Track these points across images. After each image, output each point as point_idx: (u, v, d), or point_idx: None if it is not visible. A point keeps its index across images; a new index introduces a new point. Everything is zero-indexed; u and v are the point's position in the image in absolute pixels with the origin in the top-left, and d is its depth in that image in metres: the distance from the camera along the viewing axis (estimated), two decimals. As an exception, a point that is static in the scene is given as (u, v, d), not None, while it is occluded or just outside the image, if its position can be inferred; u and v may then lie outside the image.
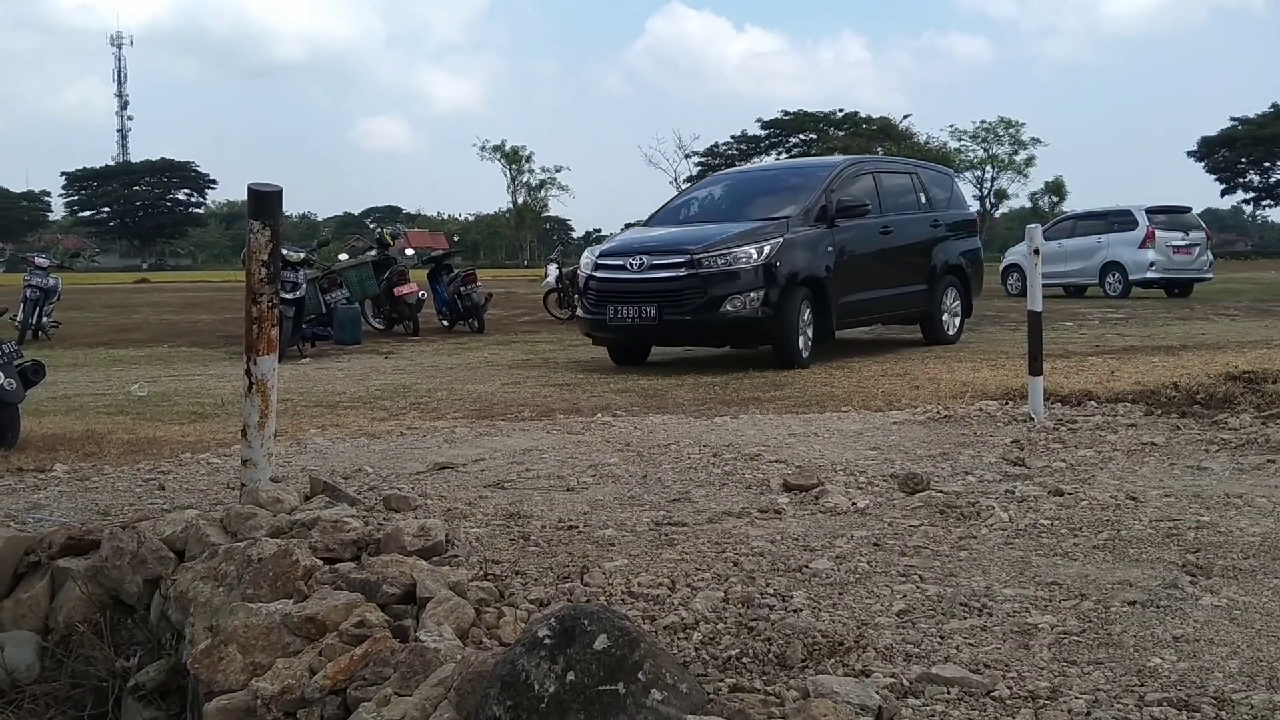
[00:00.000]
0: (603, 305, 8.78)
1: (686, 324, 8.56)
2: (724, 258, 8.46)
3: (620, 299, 8.66)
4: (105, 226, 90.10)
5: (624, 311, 8.62)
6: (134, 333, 15.31)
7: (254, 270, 3.41)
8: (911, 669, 1.89)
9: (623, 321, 8.67)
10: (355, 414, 6.42)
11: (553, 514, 3.23)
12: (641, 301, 8.55)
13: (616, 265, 8.85)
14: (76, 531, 3.18)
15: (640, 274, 8.64)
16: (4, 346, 5.43)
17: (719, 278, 8.41)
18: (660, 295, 8.49)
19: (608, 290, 8.77)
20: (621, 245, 9.36)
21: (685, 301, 8.44)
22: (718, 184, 11.16)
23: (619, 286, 8.72)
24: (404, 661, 2.00)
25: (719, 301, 8.37)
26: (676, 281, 8.48)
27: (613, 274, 8.83)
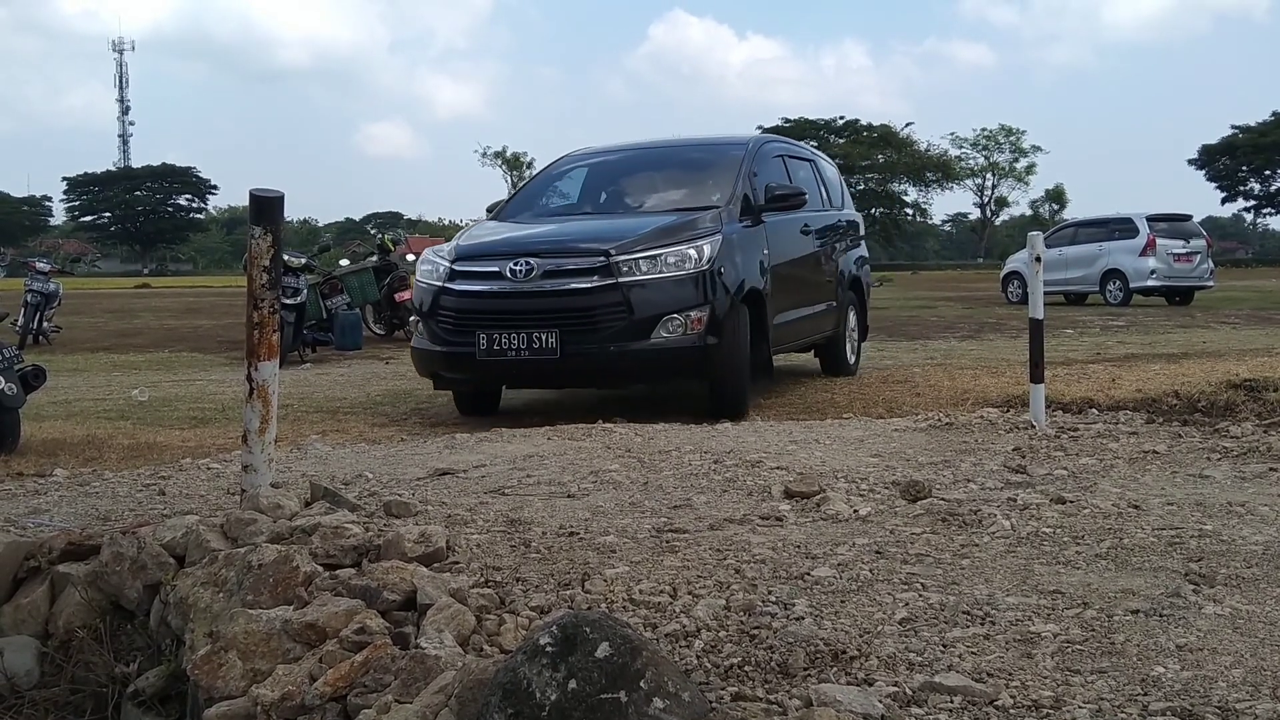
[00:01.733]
0: (464, 332, 6.12)
1: (603, 358, 5.99)
2: (653, 261, 6.01)
3: (497, 323, 6.02)
4: (106, 231, 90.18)
5: (504, 341, 5.95)
6: (135, 338, 15.32)
7: (255, 276, 3.41)
8: (914, 678, 1.88)
9: (501, 356, 5.96)
10: (356, 419, 6.42)
11: (554, 520, 3.22)
12: (534, 326, 5.93)
13: (487, 274, 6.21)
14: (77, 537, 3.18)
15: (530, 285, 6.01)
16: (4, 351, 5.43)
17: (649, 290, 5.97)
18: (564, 317, 5.95)
19: (475, 311, 6.15)
20: (489, 245, 6.65)
21: (602, 325, 5.94)
22: (589, 162, 8.17)
23: (495, 305, 6.10)
24: (404, 669, 2.00)
25: (650, 325, 5.93)
26: (588, 296, 5.97)
27: (482, 285, 6.23)
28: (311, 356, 12.08)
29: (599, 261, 6.01)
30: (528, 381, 6.73)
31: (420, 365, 6.61)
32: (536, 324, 5.96)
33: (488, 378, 6.51)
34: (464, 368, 6.29)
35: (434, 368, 6.49)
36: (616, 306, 5.95)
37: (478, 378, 6.50)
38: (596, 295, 5.98)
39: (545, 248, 6.27)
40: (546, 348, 5.94)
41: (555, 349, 5.92)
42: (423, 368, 6.61)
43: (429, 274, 6.47)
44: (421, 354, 6.54)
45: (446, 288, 6.29)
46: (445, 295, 6.29)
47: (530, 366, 6.05)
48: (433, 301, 6.36)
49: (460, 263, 6.37)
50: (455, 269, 6.32)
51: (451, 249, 6.63)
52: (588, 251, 6.14)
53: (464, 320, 6.19)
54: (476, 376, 6.47)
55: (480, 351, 6.04)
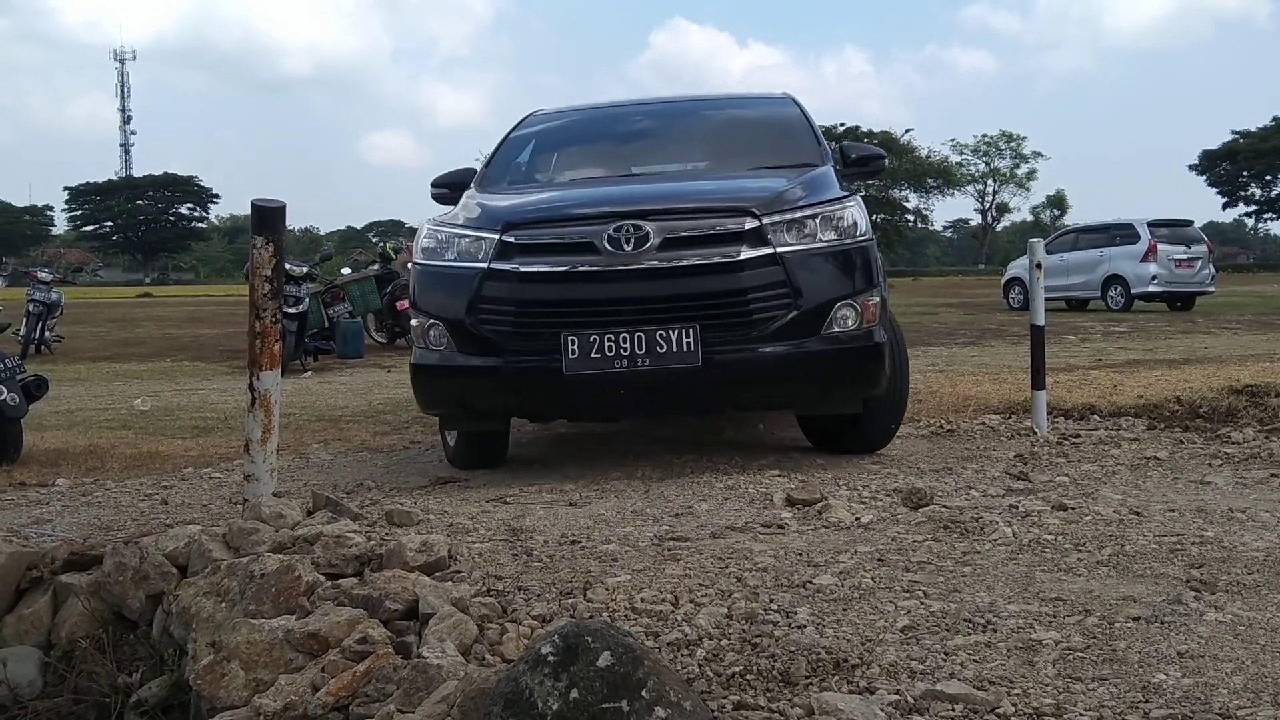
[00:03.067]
0: (535, 335, 4.16)
1: (762, 365, 4.13)
2: (812, 226, 4.26)
3: (595, 319, 4.09)
4: (108, 241, 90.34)
5: (610, 346, 4.04)
6: (137, 347, 15.34)
7: (257, 285, 3.42)
8: (916, 686, 1.88)
9: (607, 369, 4.04)
10: (358, 428, 6.42)
11: (555, 529, 3.22)
12: (658, 321, 4.05)
13: (568, 245, 4.23)
14: (79, 547, 3.18)
15: (645, 261, 4.11)
16: (6, 361, 5.43)
17: (815, 266, 4.21)
18: (705, 306, 4.09)
19: (557, 302, 4.19)
20: (561, 204, 4.69)
21: (759, 316, 4.10)
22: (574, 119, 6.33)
23: (592, 292, 4.15)
24: (406, 678, 2.00)
25: (821, 314, 4.17)
26: (737, 275, 4.13)
27: (563, 262, 4.20)
28: (313, 365, 12.09)
29: (745, 224, 4.15)
30: (651, 406, 4.43)
31: (434, 391, 4.47)
32: (663, 317, 4.03)
33: (580, 404, 4.34)
34: (536, 391, 4.24)
35: (468, 394, 4.36)
36: (777, 289, 4.12)
37: (562, 405, 4.41)
38: (750, 272, 4.12)
39: (654, 206, 4.26)
40: (681, 352, 4.01)
41: (695, 353, 4.00)
42: (440, 395, 4.47)
43: (452, 253, 4.39)
44: (438, 375, 4.37)
45: (498, 269, 4.19)
46: (496, 281, 4.19)
47: (657, 383, 4.05)
48: (472, 293, 4.21)
49: (519, 231, 4.24)
50: (511, 240, 4.21)
51: (491, 213, 4.47)
52: (725, 209, 4.27)
53: (537, 317, 4.14)
54: (561, 403, 4.35)
55: (571, 364, 4.01)
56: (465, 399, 4.42)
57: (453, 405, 4.53)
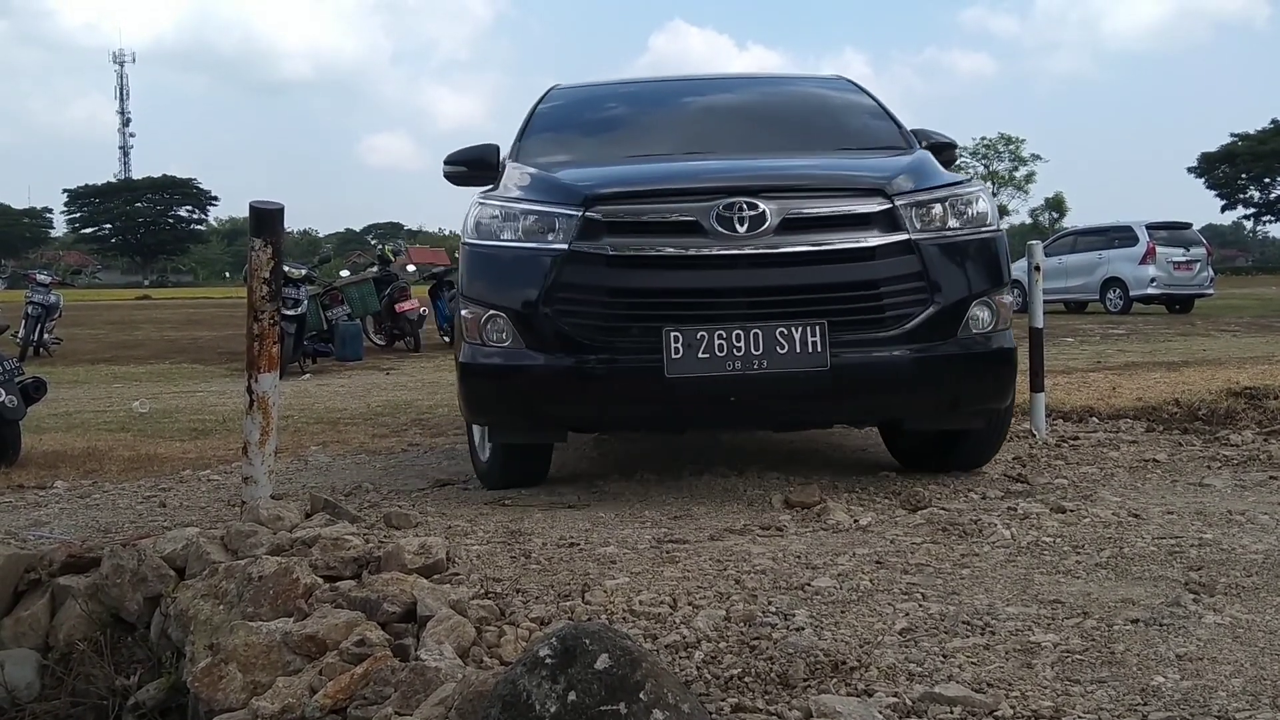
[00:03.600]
0: (628, 330, 3.57)
1: (896, 371, 3.60)
2: (945, 210, 3.74)
3: (703, 312, 3.53)
4: (107, 243, 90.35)
5: (722, 344, 3.45)
6: (135, 349, 15.34)
7: (255, 288, 3.42)
8: (914, 688, 1.88)
9: (718, 371, 3.45)
10: (356, 430, 6.42)
11: (554, 531, 3.22)
12: (778, 316, 3.49)
13: (669, 224, 3.66)
14: (77, 549, 3.18)
15: (761, 244, 3.56)
16: (5, 363, 5.43)
17: (951, 256, 3.71)
18: (833, 299, 3.55)
19: (657, 292, 3.59)
20: (651, 176, 4.11)
21: (890, 313, 3.58)
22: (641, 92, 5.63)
23: (699, 279, 3.59)
24: (404, 681, 2.00)
25: (958, 312, 3.66)
26: (868, 264, 3.61)
27: (664, 244, 3.63)
28: (312, 367, 12.09)
29: (875, 205, 3.64)
30: (765, 416, 3.87)
31: (492, 396, 3.82)
32: (784, 311, 3.47)
33: (682, 413, 3.73)
34: (629, 397, 3.61)
35: (537, 400, 3.71)
36: (912, 282, 3.59)
37: (660, 413, 3.74)
38: (883, 262, 3.60)
39: (768, 182, 3.72)
40: (806, 353, 3.44)
41: (822, 355, 3.44)
42: (499, 400, 3.81)
43: (515, 231, 3.75)
44: (499, 376, 3.72)
45: (582, 252, 3.58)
46: (579, 265, 3.59)
47: (776, 389, 3.50)
48: (547, 279, 3.59)
49: (608, 207, 3.64)
50: (598, 218, 3.60)
51: (567, 186, 3.82)
52: (852, 187, 3.78)
53: (633, 309, 3.55)
54: (658, 411, 3.71)
55: (674, 364, 3.42)
56: (533, 405, 3.73)
57: (515, 413, 3.82)
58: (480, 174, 4.68)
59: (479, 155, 4.76)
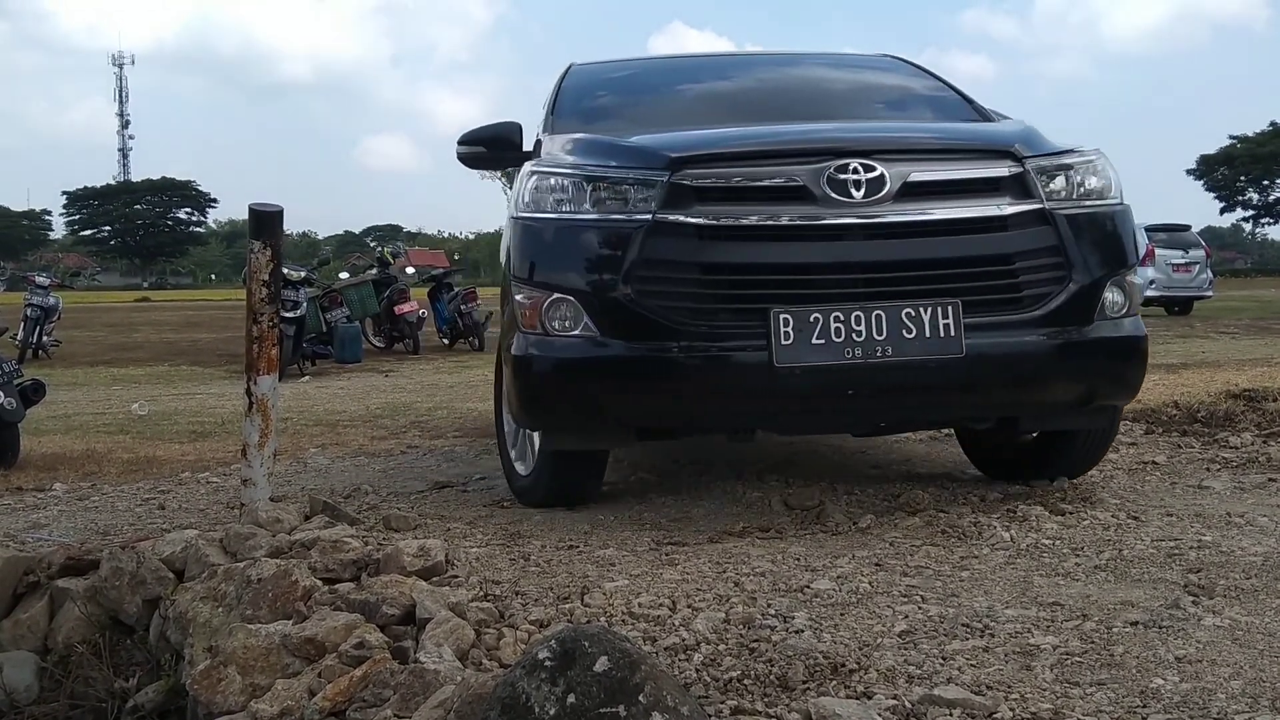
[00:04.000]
0: (736, 312, 3.06)
1: (1037, 361, 3.15)
2: (1079, 179, 3.32)
3: (816, 291, 3.05)
4: (106, 245, 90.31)
5: (839, 328, 2.97)
6: (134, 351, 15.33)
7: (255, 290, 3.42)
8: (914, 690, 1.88)
9: (836, 359, 2.96)
10: (355, 432, 6.42)
11: (553, 533, 3.22)
12: (902, 295, 3.02)
13: (769, 190, 3.16)
14: (76, 551, 3.18)
15: (880, 212, 3.10)
16: (4, 365, 5.43)
17: (1088, 230, 3.27)
18: (966, 276, 3.11)
19: (761, 267, 3.09)
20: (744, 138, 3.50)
21: (1028, 293, 3.14)
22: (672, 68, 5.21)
23: (811, 253, 3.10)
24: (404, 683, 2.00)
25: (1093, 294, 3.22)
26: (1001, 236, 3.17)
27: (767, 213, 3.12)
28: (311, 369, 12.09)
29: (1005, 168, 3.23)
30: (888, 412, 3.40)
31: (557, 394, 3.26)
32: (910, 290, 3.04)
33: (793, 409, 3.23)
34: (731, 390, 3.11)
35: (616, 397, 3.19)
36: (1049, 257, 3.18)
37: (767, 410, 3.23)
38: (1017, 233, 3.17)
39: (879, 144, 3.25)
40: (936, 337, 2.99)
41: (956, 340, 3.00)
42: (567, 399, 3.26)
43: (582, 201, 3.22)
44: (568, 370, 3.20)
45: (669, 222, 3.09)
46: (667, 238, 3.10)
47: (902, 381, 3.04)
48: (628, 255, 3.09)
49: (699, 170, 3.15)
50: (687, 183, 3.13)
51: (645, 148, 3.33)
52: (979, 148, 3.38)
53: (734, 288, 3.08)
54: (765, 407, 3.20)
55: (784, 351, 2.95)
56: (608, 404, 3.20)
57: (584, 414, 3.28)
58: (500, 155, 4.27)
59: (500, 133, 4.25)
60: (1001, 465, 3.92)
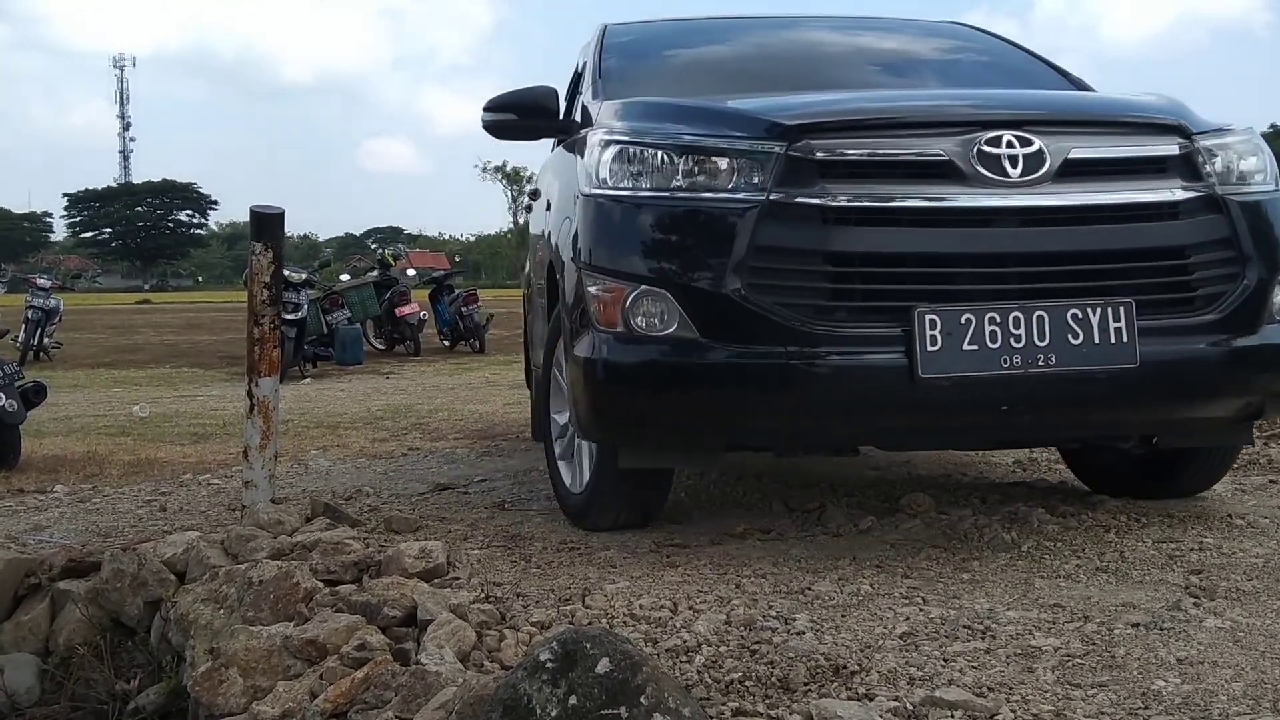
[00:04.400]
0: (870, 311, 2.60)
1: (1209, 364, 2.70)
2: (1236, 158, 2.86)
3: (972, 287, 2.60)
4: (107, 247, 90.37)
5: (993, 332, 2.53)
6: (135, 354, 15.35)
7: (256, 292, 3.42)
8: (915, 692, 1.88)
9: (992, 370, 2.53)
10: (357, 434, 6.42)
11: (554, 535, 3.22)
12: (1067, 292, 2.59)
13: (908, 164, 2.66)
14: (77, 553, 3.18)
15: (1036, 195, 2.62)
16: (5, 367, 5.44)
17: (1260, 218, 2.81)
18: (1135, 273, 2.66)
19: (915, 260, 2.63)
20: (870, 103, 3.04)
21: (1200, 291, 2.69)
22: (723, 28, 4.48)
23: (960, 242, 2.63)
24: (405, 685, 2.00)
25: (1265, 291, 2.76)
26: (1171, 225, 2.71)
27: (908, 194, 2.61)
28: (312, 371, 12.09)
29: (1174, 146, 2.79)
30: (1050, 429, 3.00)
31: (643, 404, 2.81)
32: (1075, 287, 2.62)
33: (939, 426, 2.81)
34: (865, 404, 2.68)
35: (717, 410, 2.75)
36: (1223, 250, 2.76)
37: (909, 427, 2.83)
38: (1187, 222, 2.74)
39: (1030, 114, 2.80)
40: (1107, 344, 2.59)
41: (1129, 347, 2.59)
42: (656, 410, 2.81)
43: (675, 176, 2.74)
44: (659, 377, 2.74)
45: (787, 203, 2.64)
46: (785, 223, 2.64)
47: (1066, 395, 2.64)
48: (738, 242, 2.63)
49: (825, 140, 2.69)
50: (810, 155, 2.66)
51: (753, 113, 2.86)
52: (1144, 121, 2.91)
53: (869, 282, 2.64)
54: (906, 424, 2.79)
55: (930, 359, 2.53)
56: (707, 417, 2.77)
57: (673, 427, 2.86)
58: (534, 124, 3.79)
59: (535, 99, 3.72)
60: (1119, 479, 3.50)
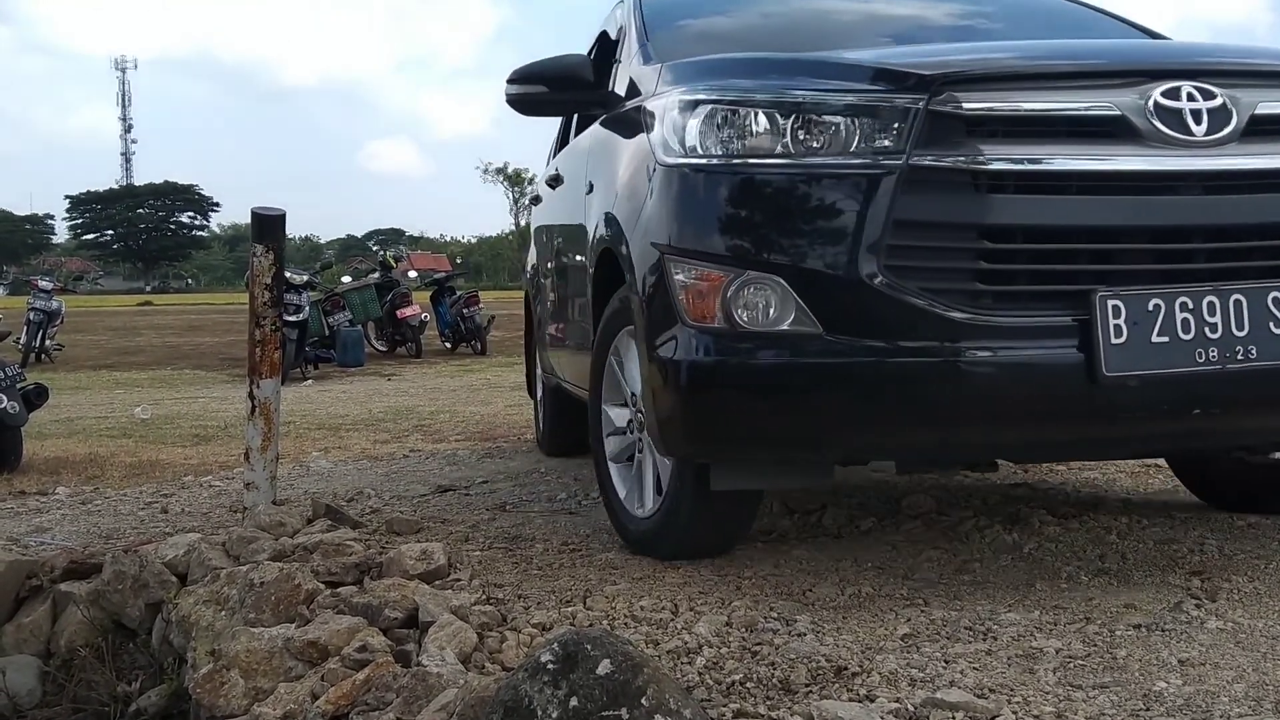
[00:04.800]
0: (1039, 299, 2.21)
1: None
2: None
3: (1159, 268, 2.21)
4: (109, 249, 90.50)
5: (1187, 319, 2.16)
6: (137, 355, 15.36)
7: (257, 294, 3.42)
8: (916, 694, 1.88)
9: (1187, 366, 2.16)
10: (358, 436, 6.42)
11: (556, 537, 3.22)
12: (1266, 272, 2.22)
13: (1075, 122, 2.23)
14: (78, 555, 3.18)
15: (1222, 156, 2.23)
16: (7, 369, 5.44)
17: None
18: None
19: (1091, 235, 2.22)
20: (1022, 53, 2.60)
21: None
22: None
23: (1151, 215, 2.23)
24: (406, 686, 2.00)
25: None
26: None
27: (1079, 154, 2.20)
28: (314, 373, 12.10)
29: None
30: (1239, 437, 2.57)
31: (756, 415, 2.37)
32: (1271, 266, 2.27)
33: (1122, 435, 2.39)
34: (1037, 408, 2.26)
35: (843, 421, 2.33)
36: None
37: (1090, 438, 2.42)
38: None
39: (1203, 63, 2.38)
40: None
41: None
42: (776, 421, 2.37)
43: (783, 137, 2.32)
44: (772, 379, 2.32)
45: (931, 166, 2.22)
46: (929, 192, 2.23)
47: (1263, 393, 2.27)
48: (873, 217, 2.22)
49: (973, 92, 2.26)
50: (955, 110, 2.23)
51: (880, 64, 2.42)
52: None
53: (1034, 262, 2.25)
54: (1086, 434, 2.38)
55: (1115, 354, 2.16)
56: (834, 428, 2.35)
57: (789, 442, 2.42)
58: (567, 97, 3.40)
59: (568, 68, 3.33)
60: (1231, 493, 3.21)
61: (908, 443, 2.39)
